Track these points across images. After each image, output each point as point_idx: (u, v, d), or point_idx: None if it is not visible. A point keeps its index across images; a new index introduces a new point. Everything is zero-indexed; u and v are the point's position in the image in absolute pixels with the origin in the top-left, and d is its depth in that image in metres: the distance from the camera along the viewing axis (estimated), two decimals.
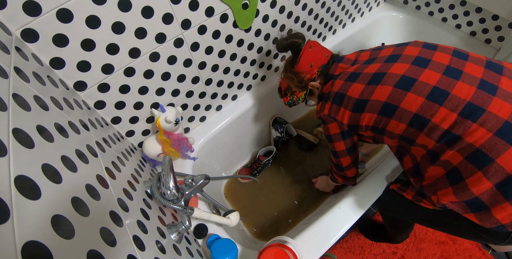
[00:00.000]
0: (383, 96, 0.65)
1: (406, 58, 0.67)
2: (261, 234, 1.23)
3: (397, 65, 0.66)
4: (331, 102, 0.76)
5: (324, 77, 0.84)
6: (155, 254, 0.52)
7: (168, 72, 0.89)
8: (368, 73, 0.70)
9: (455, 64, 0.62)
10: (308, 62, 0.83)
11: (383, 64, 0.69)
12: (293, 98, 0.95)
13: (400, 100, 0.63)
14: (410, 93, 0.62)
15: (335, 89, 0.75)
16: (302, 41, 0.87)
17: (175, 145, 0.98)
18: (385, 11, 1.58)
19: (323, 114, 0.79)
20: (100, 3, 0.63)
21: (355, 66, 0.75)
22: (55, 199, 0.35)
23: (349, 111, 0.72)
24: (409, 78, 0.63)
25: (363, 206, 0.91)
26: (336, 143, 0.84)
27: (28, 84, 0.47)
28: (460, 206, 0.62)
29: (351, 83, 0.72)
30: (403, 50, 0.70)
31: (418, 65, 0.64)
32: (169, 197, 0.68)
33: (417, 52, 0.67)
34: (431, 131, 0.60)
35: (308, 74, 0.85)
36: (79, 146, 0.50)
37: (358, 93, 0.69)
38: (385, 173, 0.98)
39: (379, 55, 0.74)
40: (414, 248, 1.26)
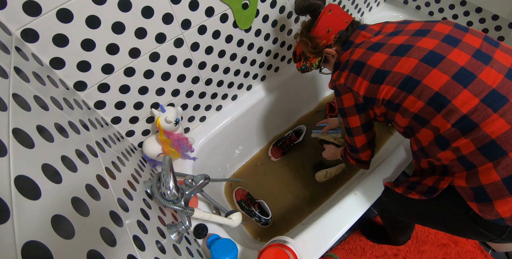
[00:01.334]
0: (406, 69, 0.61)
1: (436, 34, 0.63)
2: (261, 234, 1.23)
3: (426, 40, 0.63)
4: (348, 71, 0.71)
5: (342, 44, 0.79)
6: (155, 254, 0.52)
7: (168, 72, 0.89)
8: (393, 44, 0.66)
9: (485, 49, 0.60)
10: (326, 27, 0.77)
11: (410, 37, 0.65)
12: (306, 64, 0.90)
13: (424, 75, 0.59)
14: (435, 70, 0.59)
15: (355, 57, 0.70)
16: (322, 3, 0.80)
17: (175, 145, 0.98)
18: (385, 11, 1.58)
19: (339, 83, 0.74)
20: (100, 3, 0.63)
21: (379, 37, 0.71)
22: (55, 199, 0.35)
23: (367, 81, 0.68)
24: (437, 54, 0.60)
25: (363, 206, 0.91)
26: (350, 117, 0.78)
27: (28, 84, 0.47)
28: (467, 192, 0.61)
29: (373, 52, 0.67)
30: (433, 26, 0.66)
31: (448, 43, 0.61)
32: (169, 197, 0.68)
33: (448, 30, 0.64)
34: (449, 113, 0.58)
35: (324, 40, 0.79)
36: (79, 146, 0.50)
37: (380, 63, 0.65)
38: (385, 173, 0.98)
39: (405, 28, 0.69)
40: (415, 250, 1.26)
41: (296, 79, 1.37)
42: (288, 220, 1.27)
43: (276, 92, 1.32)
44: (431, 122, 0.62)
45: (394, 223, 1.08)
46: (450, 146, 0.60)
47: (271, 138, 1.54)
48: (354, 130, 0.80)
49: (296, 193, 1.36)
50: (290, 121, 1.59)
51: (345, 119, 0.80)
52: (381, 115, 0.75)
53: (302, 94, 1.51)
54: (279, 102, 1.38)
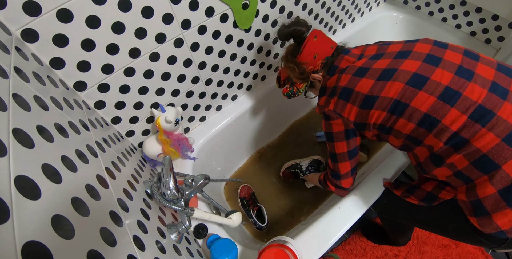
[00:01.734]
0: (394, 93, 0.63)
1: (417, 55, 0.65)
2: (261, 234, 1.23)
3: (408, 62, 0.64)
4: (337, 97, 0.72)
5: (328, 69, 0.79)
6: (155, 254, 0.52)
7: (168, 72, 0.89)
8: (377, 68, 0.67)
9: (467, 64, 0.61)
10: (312, 53, 0.78)
11: (393, 60, 0.67)
12: (292, 90, 0.90)
13: (411, 98, 0.61)
14: (421, 92, 0.60)
15: (342, 84, 0.71)
16: (306, 30, 0.80)
17: (175, 145, 0.98)
18: (385, 11, 1.58)
19: (328, 109, 0.74)
20: (100, 3, 0.63)
21: (363, 61, 0.72)
22: (55, 199, 0.35)
23: (357, 107, 0.69)
24: (421, 76, 0.61)
25: (363, 206, 0.91)
26: (338, 142, 0.78)
27: (28, 84, 0.47)
28: (467, 206, 0.62)
29: (359, 78, 0.68)
30: (413, 47, 0.67)
31: (429, 63, 0.62)
32: (169, 197, 0.68)
33: (428, 50, 0.65)
34: (440, 132, 0.59)
35: (311, 66, 0.79)
36: (79, 146, 0.50)
37: (368, 89, 0.66)
38: (386, 173, 0.98)
39: (387, 51, 0.71)
40: (416, 251, 1.26)
41: None
42: (287, 220, 1.27)
43: (276, 92, 1.31)
44: (424, 142, 0.63)
45: (393, 225, 1.07)
46: (444, 162, 0.61)
47: (271, 138, 1.54)
48: (340, 155, 0.79)
49: (296, 193, 1.36)
50: (290, 121, 1.59)
51: (332, 144, 0.79)
52: (373, 136, 0.76)
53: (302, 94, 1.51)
54: (279, 102, 1.38)
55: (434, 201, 0.70)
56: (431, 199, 0.71)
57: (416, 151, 0.68)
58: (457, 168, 0.60)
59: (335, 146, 0.79)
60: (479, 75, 0.59)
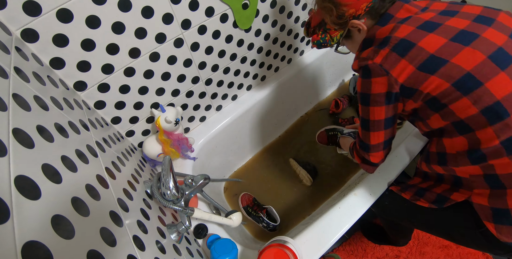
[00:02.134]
0: (469, 64, 0.50)
1: (502, 26, 0.53)
2: (261, 234, 1.23)
3: (492, 31, 0.52)
4: (390, 49, 0.57)
5: (377, 17, 0.64)
6: (155, 254, 0.52)
7: (168, 72, 0.89)
8: (452, 27, 0.54)
9: None
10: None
11: (472, 22, 0.54)
12: (325, 38, 0.73)
13: (489, 77, 0.49)
14: (503, 74, 0.49)
15: (400, 35, 0.56)
16: None
17: (175, 145, 0.98)
18: None
19: (373, 62, 0.58)
20: (100, 3, 0.63)
21: (430, 14, 0.58)
22: (55, 199, 0.35)
23: (414, 66, 0.54)
24: (507, 54, 0.50)
25: (363, 206, 0.91)
26: (375, 107, 0.62)
27: (28, 84, 0.47)
28: (485, 211, 0.56)
29: (426, 32, 0.54)
30: (496, 15, 0.55)
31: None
32: (169, 197, 0.68)
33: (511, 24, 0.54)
34: (504, 129, 0.50)
35: (352, 9, 0.63)
36: (79, 146, 0.50)
37: (436, 47, 0.52)
38: (386, 173, 0.98)
39: (461, 10, 0.58)
40: (417, 251, 1.26)
41: (296, 79, 1.37)
42: (288, 220, 1.27)
43: (276, 92, 1.31)
44: (476, 133, 0.52)
45: (394, 226, 1.05)
46: (486, 161, 0.53)
47: (271, 138, 1.54)
48: (374, 123, 0.65)
49: (296, 193, 1.36)
50: (290, 121, 1.59)
51: (367, 108, 0.64)
52: (411, 111, 0.63)
53: (302, 94, 1.51)
54: (279, 102, 1.38)
55: (445, 203, 0.63)
56: (441, 200, 0.64)
57: (452, 140, 0.57)
58: (495, 171, 0.52)
59: (370, 111, 0.64)
60: None
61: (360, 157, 0.76)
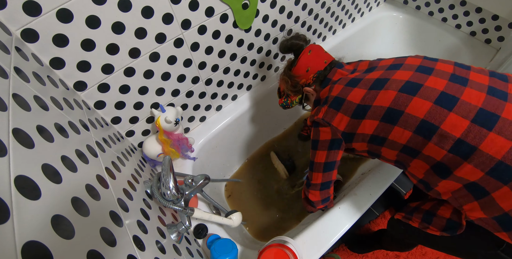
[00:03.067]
0: (386, 102, 0.61)
1: (408, 66, 0.65)
2: (261, 234, 1.23)
3: (400, 72, 0.64)
4: (328, 106, 0.71)
5: (320, 83, 0.81)
6: (155, 254, 0.52)
7: (168, 72, 0.89)
8: (369, 79, 0.67)
9: (459, 72, 0.60)
10: (305, 66, 0.80)
11: (385, 71, 0.67)
12: (287, 101, 0.93)
13: (406, 105, 0.58)
14: (416, 98, 0.58)
15: (334, 93, 0.71)
16: (304, 44, 0.84)
17: (175, 145, 0.98)
18: (385, 11, 1.58)
19: (317, 118, 0.73)
20: (100, 3, 0.63)
21: (355, 74, 0.73)
22: (55, 199, 0.35)
23: (348, 117, 0.67)
24: (414, 83, 0.60)
25: (363, 206, 0.91)
26: (319, 151, 0.75)
27: (28, 84, 0.47)
28: (490, 223, 0.55)
29: (351, 88, 0.68)
30: (404, 60, 0.68)
31: (422, 72, 0.61)
32: (169, 197, 0.68)
33: (419, 62, 0.65)
34: (442, 139, 0.55)
35: (303, 79, 0.82)
36: (79, 146, 0.50)
37: (360, 98, 0.65)
38: (386, 173, 0.98)
39: (379, 65, 0.71)
40: (417, 252, 1.26)
41: None
42: (288, 220, 1.27)
43: (276, 93, 1.31)
44: (423, 152, 0.59)
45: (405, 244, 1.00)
46: (452, 173, 0.56)
47: (272, 137, 1.54)
48: (316, 164, 0.78)
49: (296, 193, 1.36)
50: (290, 121, 1.59)
51: (314, 152, 0.77)
52: (364, 152, 0.73)
53: None
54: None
55: (458, 229, 0.62)
56: (453, 227, 0.63)
57: (412, 166, 0.63)
58: (469, 180, 0.54)
59: (315, 154, 0.77)
60: (474, 81, 0.57)
61: (304, 193, 0.89)
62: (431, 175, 0.60)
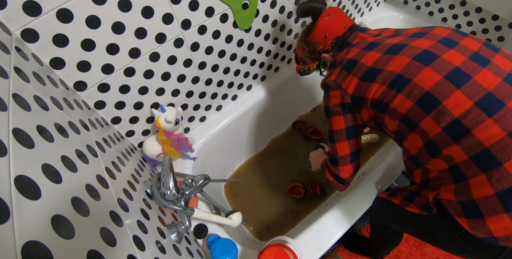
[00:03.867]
0: (397, 67, 0.59)
1: (432, 36, 0.62)
2: (261, 234, 1.23)
3: (422, 40, 0.61)
4: (341, 68, 0.69)
5: (339, 48, 0.78)
6: (155, 254, 0.52)
7: (168, 72, 0.89)
8: (388, 43, 0.65)
9: (484, 52, 0.57)
10: (323, 32, 0.76)
11: (407, 38, 0.64)
12: (304, 68, 0.90)
13: (415, 74, 0.57)
14: (427, 68, 0.56)
15: (349, 56, 0.69)
16: (322, 6, 0.78)
17: (175, 145, 0.98)
18: (385, 11, 1.58)
19: (329, 80, 0.71)
20: (100, 3, 0.63)
21: (376, 38, 0.71)
22: (55, 199, 0.35)
23: (357, 79, 0.65)
24: (431, 53, 0.57)
25: (363, 206, 0.91)
26: (335, 117, 0.72)
27: (28, 84, 0.47)
28: (455, 207, 0.56)
29: (367, 51, 0.66)
30: (431, 30, 0.65)
31: (444, 44, 0.59)
32: (169, 197, 0.68)
33: (446, 34, 0.62)
34: (440, 116, 0.54)
35: (321, 45, 0.79)
36: (79, 146, 0.50)
37: (373, 61, 0.64)
38: (386, 173, 0.98)
39: (404, 32, 0.69)
40: (417, 252, 1.26)
41: (296, 80, 1.38)
42: (288, 220, 1.28)
43: (276, 93, 1.32)
44: (420, 125, 0.58)
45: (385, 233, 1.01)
46: (440, 152, 0.56)
47: (271, 138, 1.55)
48: (337, 133, 0.73)
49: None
50: (290, 121, 1.59)
51: (329, 120, 0.74)
52: (371, 120, 0.71)
53: (302, 94, 1.51)
54: (279, 102, 1.39)
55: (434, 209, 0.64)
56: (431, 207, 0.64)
57: (408, 141, 0.63)
58: (454, 161, 0.54)
59: (332, 121, 0.74)
60: (495, 65, 0.54)
61: (332, 173, 0.81)
62: (423, 152, 0.60)
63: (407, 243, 1.29)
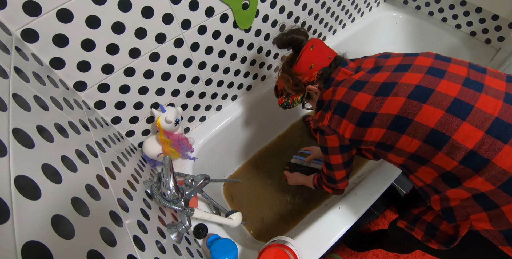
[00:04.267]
0: (394, 109, 0.57)
1: (418, 68, 0.60)
2: (261, 234, 1.23)
3: (409, 74, 0.59)
4: (332, 112, 0.67)
5: (324, 81, 0.76)
6: (155, 254, 0.52)
7: (168, 72, 0.89)
8: (375, 82, 0.62)
9: (474, 76, 0.56)
10: (308, 63, 0.74)
11: (392, 73, 0.62)
12: (288, 101, 0.86)
13: (415, 113, 0.55)
14: (426, 105, 0.54)
15: (338, 97, 0.66)
16: (304, 38, 0.76)
17: (175, 145, 0.98)
18: (385, 11, 1.58)
19: (322, 124, 0.70)
20: (100, 3, 0.63)
21: (360, 74, 0.68)
22: (55, 199, 0.35)
23: (353, 125, 0.64)
24: (425, 88, 0.55)
25: (363, 206, 0.91)
26: (333, 156, 0.74)
27: (28, 84, 0.47)
28: (495, 236, 0.53)
29: (356, 92, 0.64)
30: (413, 60, 0.63)
31: (433, 75, 0.57)
32: (169, 197, 0.68)
33: (429, 63, 0.60)
34: (453, 150, 0.52)
35: (306, 77, 0.76)
36: (79, 146, 0.50)
37: (365, 105, 0.61)
38: (386, 173, 0.98)
39: (385, 64, 0.66)
40: (417, 252, 1.26)
41: None
42: (288, 220, 1.28)
43: None
44: (432, 161, 0.56)
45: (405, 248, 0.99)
46: (461, 184, 0.54)
47: (271, 138, 1.54)
48: (335, 166, 0.77)
49: (296, 193, 1.36)
50: (290, 121, 1.59)
51: (327, 156, 0.76)
52: (370, 152, 0.72)
53: None
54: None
55: (453, 243, 0.62)
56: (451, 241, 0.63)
57: (420, 171, 0.61)
58: (479, 190, 0.52)
59: (330, 158, 0.76)
60: (490, 87, 0.54)
61: (330, 187, 0.89)
62: (440, 182, 0.58)
63: None
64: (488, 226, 0.54)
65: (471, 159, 0.51)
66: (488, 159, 0.49)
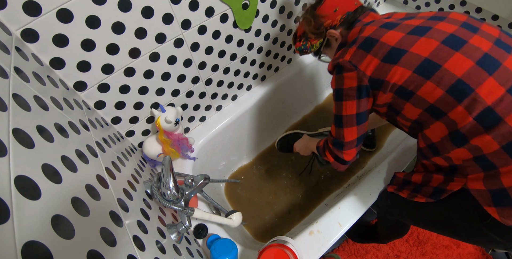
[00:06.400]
0: (425, 51, 0.55)
1: (453, 20, 0.59)
2: (261, 234, 1.23)
3: (444, 24, 0.58)
4: (356, 47, 0.63)
5: (349, 26, 0.73)
6: (155, 254, 0.52)
7: (168, 72, 0.89)
8: (409, 24, 0.60)
9: (505, 39, 0.56)
10: (333, 6, 0.72)
11: (426, 20, 0.60)
12: (306, 45, 0.82)
13: (445, 59, 0.53)
14: (458, 54, 0.53)
15: (366, 34, 0.63)
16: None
17: (175, 145, 0.98)
18: (385, 11, 1.56)
19: (343, 60, 0.64)
20: (100, 3, 0.63)
21: (391, 19, 0.66)
22: (55, 199, 0.35)
23: (378, 59, 0.60)
24: (458, 38, 0.55)
25: (363, 206, 0.91)
26: (347, 101, 0.67)
27: (28, 84, 0.47)
28: (483, 196, 0.55)
29: (387, 30, 0.61)
30: (447, 14, 0.62)
31: (467, 29, 0.56)
32: (169, 197, 0.68)
33: (464, 19, 0.59)
34: (472, 104, 0.52)
35: (329, 20, 0.73)
36: (79, 146, 0.50)
37: (396, 40, 0.59)
38: (386, 173, 0.98)
39: (418, 15, 0.65)
40: (417, 252, 1.26)
41: (296, 80, 1.37)
42: (288, 220, 1.28)
43: (276, 93, 1.32)
44: (449, 114, 0.55)
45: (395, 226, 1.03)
46: (468, 143, 0.54)
47: (271, 138, 1.54)
48: (346, 118, 0.69)
49: (296, 193, 1.36)
50: (290, 122, 1.59)
51: (340, 103, 0.69)
52: (384, 105, 0.67)
53: (302, 94, 1.51)
54: (279, 103, 1.39)
55: (442, 194, 0.63)
56: (438, 192, 0.64)
57: (430, 129, 0.60)
58: (482, 151, 0.53)
59: (343, 106, 0.69)
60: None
61: (333, 155, 0.78)
62: (447, 141, 0.58)
63: (407, 243, 1.29)
64: (480, 185, 0.55)
65: (486, 115, 0.51)
66: (502, 117, 0.50)
